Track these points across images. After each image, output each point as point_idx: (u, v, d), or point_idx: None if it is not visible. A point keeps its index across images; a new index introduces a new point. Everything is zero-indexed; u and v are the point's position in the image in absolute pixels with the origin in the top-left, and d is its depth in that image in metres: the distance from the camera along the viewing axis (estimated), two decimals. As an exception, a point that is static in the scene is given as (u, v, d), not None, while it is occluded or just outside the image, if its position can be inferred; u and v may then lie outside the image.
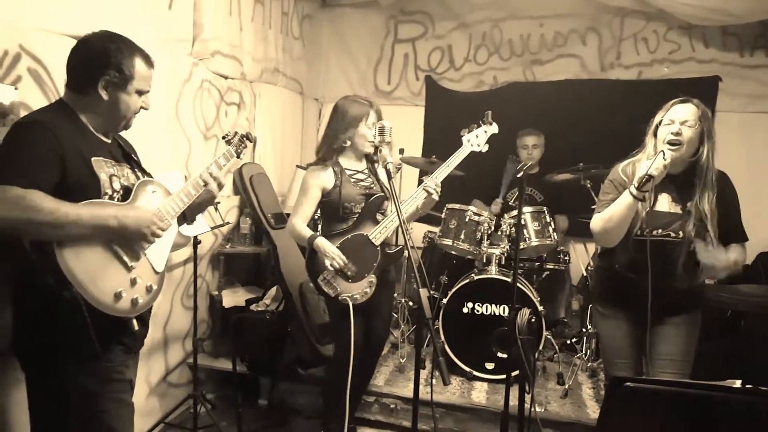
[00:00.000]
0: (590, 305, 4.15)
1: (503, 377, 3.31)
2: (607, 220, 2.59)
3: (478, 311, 4.04)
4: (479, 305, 4.04)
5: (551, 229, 4.15)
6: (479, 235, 4.19)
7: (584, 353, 4.23)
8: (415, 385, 2.24)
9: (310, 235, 3.02)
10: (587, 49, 5.36)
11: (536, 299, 3.96)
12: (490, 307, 4.03)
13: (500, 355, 3.93)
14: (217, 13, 3.99)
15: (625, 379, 1.58)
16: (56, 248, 1.84)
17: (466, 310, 4.06)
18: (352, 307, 2.95)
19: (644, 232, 2.55)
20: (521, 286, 3.95)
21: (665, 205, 2.60)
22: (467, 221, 4.19)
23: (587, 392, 3.97)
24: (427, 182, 3.02)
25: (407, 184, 5.06)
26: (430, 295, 2.85)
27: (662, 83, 5.10)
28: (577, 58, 5.39)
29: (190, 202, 2.29)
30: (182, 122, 3.75)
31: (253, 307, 4.25)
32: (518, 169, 2.83)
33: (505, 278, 4.00)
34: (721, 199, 2.53)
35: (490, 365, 3.99)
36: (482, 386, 3.98)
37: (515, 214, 3.50)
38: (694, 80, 5.03)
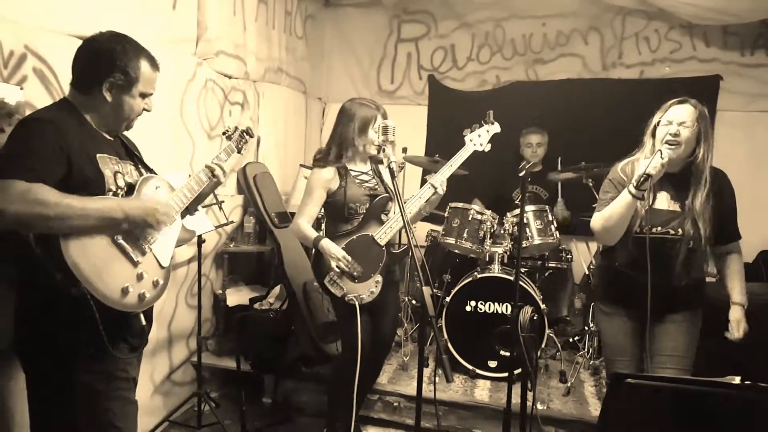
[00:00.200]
0: (592, 303, 4.16)
1: (506, 375, 3.32)
2: (606, 218, 2.62)
3: (480, 309, 4.06)
4: (482, 303, 4.06)
5: (553, 227, 4.16)
6: (482, 233, 4.21)
7: (586, 351, 4.25)
8: (418, 383, 2.26)
9: (315, 236, 3.02)
10: (589, 48, 5.37)
11: (539, 297, 3.97)
12: (492, 305, 4.05)
13: (503, 353, 3.95)
14: (220, 12, 4.00)
15: (626, 375, 1.59)
16: (62, 243, 1.84)
17: (468, 308, 4.08)
18: (358, 307, 2.96)
19: (643, 229, 2.57)
20: (524, 284, 3.97)
21: (664, 203, 2.62)
22: (470, 220, 4.20)
23: (589, 390, 3.98)
24: (432, 179, 3.03)
25: (410, 183, 5.09)
26: (433, 293, 2.88)
27: (663, 82, 5.10)
28: (579, 57, 5.40)
29: (193, 197, 2.31)
30: (186, 122, 3.77)
31: (256, 305, 4.27)
32: (521, 167, 2.84)
33: (507, 277, 4.02)
34: (718, 197, 2.56)
35: (492, 363, 4.00)
36: (485, 384, 4.00)
37: (518, 212, 3.51)
38: (695, 79, 5.04)
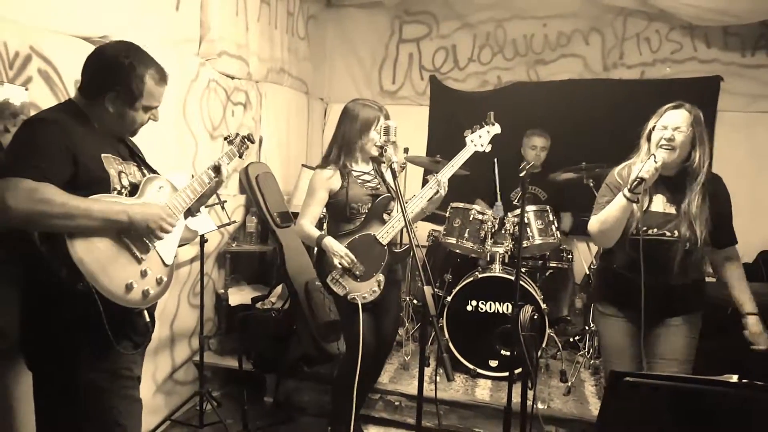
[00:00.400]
0: (593, 304, 4.17)
1: (506, 375, 3.34)
2: (602, 221, 2.65)
3: (481, 309, 4.07)
4: (483, 303, 4.07)
5: (554, 227, 4.17)
6: (483, 233, 4.22)
7: (587, 351, 4.26)
8: (419, 382, 2.27)
9: (318, 235, 3.04)
10: (590, 49, 5.38)
11: (539, 297, 3.99)
12: (493, 305, 4.06)
13: (504, 352, 3.96)
14: (223, 13, 4.02)
15: (624, 374, 1.60)
16: (67, 239, 1.86)
17: (469, 308, 4.09)
18: (361, 306, 2.98)
19: (639, 231, 2.60)
20: (524, 284, 3.98)
21: (660, 205, 2.65)
22: (471, 220, 4.21)
23: (590, 389, 4.00)
24: (433, 179, 3.04)
25: (412, 183, 5.10)
26: (434, 293, 2.89)
27: (664, 83, 5.12)
28: (580, 58, 5.41)
29: (196, 198, 2.33)
30: (189, 122, 3.79)
31: (258, 305, 4.28)
32: (521, 168, 2.85)
33: (508, 276, 4.03)
34: (713, 201, 2.58)
35: (493, 363, 4.02)
36: (486, 383, 4.01)
37: (519, 212, 3.52)
38: (696, 80, 5.05)
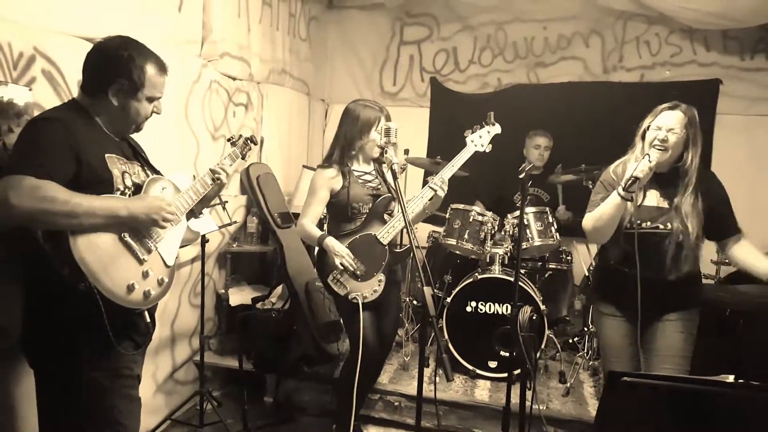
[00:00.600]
0: (591, 304, 4.18)
1: (506, 375, 3.35)
2: (597, 219, 2.69)
3: (481, 310, 4.09)
4: (482, 304, 4.08)
5: (554, 229, 4.18)
6: (483, 235, 4.23)
7: (586, 352, 4.27)
8: (419, 382, 2.28)
9: (319, 235, 3.05)
10: (590, 51, 5.39)
11: (539, 298, 4.00)
12: (493, 306, 4.07)
13: (503, 353, 3.97)
14: (225, 15, 4.03)
15: (622, 374, 1.61)
16: (70, 239, 1.87)
17: (469, 309, 4.10)
18: (361, 305, 2.99)
19: (634, 225, 2.63)
20: (524, 285, 4.00)
21: (653, 200, 2.69)
22: (471, 221, 4.22)
23: (588, 390, 4.01)
24: (433, 180, 3.06)
25: (412, 184, 5.12)
26: (434, 293, 2.90)
27: (664, 86, 5.13)
28: (580, 60, 5.42)
29: (198, 199, 2.35)
30: (191, 123, 3.80)
31: (259, 305, 4.29)
32: (521, 169, 2.86)
33: (508, 278, 4.04)
34: (706, 198, 2.62)
35: (493, 363, 4.03)
36: (485, 384, 4.02)
37: (518, 214, 3.54)
38: (695, 83, 5.07)
